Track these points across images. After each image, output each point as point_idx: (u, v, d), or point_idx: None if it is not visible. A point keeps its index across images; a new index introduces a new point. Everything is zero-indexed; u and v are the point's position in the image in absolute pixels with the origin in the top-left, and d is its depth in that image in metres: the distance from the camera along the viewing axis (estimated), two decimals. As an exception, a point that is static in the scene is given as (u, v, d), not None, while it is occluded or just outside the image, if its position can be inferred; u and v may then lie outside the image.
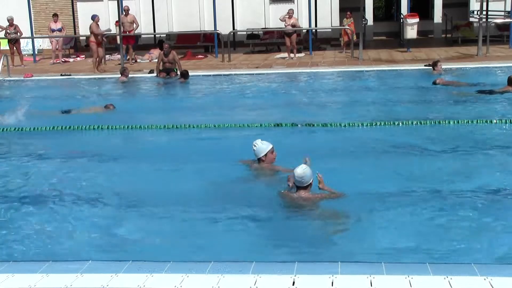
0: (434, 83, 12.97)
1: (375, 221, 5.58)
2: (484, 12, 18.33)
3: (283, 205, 5.98)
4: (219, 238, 5.37)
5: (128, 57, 19.72)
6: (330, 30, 23.68)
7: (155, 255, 4.81)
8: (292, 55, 19.24)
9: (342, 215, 5.74)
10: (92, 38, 17.75)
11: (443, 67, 14.74)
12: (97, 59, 17.78)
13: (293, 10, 19.41)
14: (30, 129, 9.91)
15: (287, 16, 19.00)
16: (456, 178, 6.75)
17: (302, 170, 5.81)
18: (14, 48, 19.95)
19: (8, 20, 19.76)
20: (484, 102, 11.12)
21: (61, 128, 9.84)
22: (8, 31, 19.77)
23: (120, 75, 15.62)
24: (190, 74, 15.57)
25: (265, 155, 6.76)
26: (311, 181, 5.87)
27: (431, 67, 15.05)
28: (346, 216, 5.72)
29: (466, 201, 6.01)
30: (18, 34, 19.94)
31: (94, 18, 18.06)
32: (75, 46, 24.38)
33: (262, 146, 6.76)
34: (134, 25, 19.61)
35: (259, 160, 6.82)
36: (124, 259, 4.54)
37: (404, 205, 5.95)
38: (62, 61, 20.76)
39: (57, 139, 9.51)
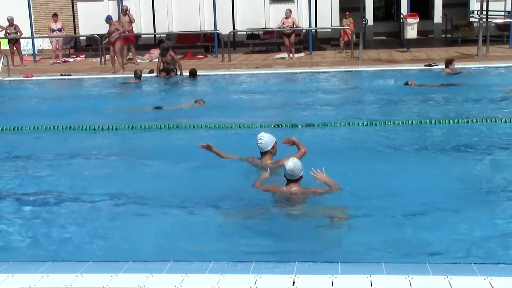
0: (406, 84, 12.80)
1: (375, 220, 5.57)
2: (484, 12, 18.34)
3: (274, 200, 5.99)
4: (219, 238, 5.36)
5: (131, 56, 19.70)
6: (330, 30, 23.68)
7: (155, 255, 4.81)
8: (291, 55, 19.24)
9: (342, 214, 5.74)
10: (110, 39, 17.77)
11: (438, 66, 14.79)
12: (115, 58, 17.80)
13: (290, 10, 19.40)
14: (30, 128, 9.91)
15: (284, 17, 19.01)
16: (456, 178, 6.75)
17: (292, 163, 5.81)
18: (14, 48, 19.95)
19: (8, 20, 19.77)
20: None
21: (61, 128, 9.85)
22: (8, 31, 19.78)
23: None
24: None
25: (273, 146, 6.78)
26: (301, 174, 5.88)
27: (431, 67, 15.05)
28: (346, 216, 5.73)
29: (466, 201, 6.01)
30: (18, 34, 19.95)
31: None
32: (75, 46, 24.38)
33: (270, 139, 6.77)
34: (119, 25, 19.12)
35: (266, 153, 6.79)
36: (124, 259, 4.55)
37: (404, 204, 5.95)
38: (62, 61, 20.76)
39: (56, 139, 9.51)
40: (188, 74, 15.53)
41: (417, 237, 5.19)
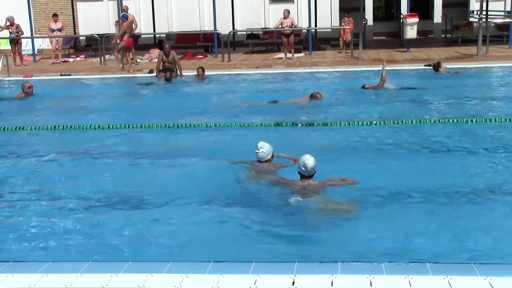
0: (363, 87, 12.65)
1: (374, 220, 5.58)
2: (484, 12, 18.34)
3: (287, 195, 6.04)
4: (219, 238, 5.36)
5: (131, 57, 19.68)
6: (329, 30, 23.68)
7: (155, 255, 4.81)
8: (289, 55, 19.25)
9: (343, 213, 5.76)
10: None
11: (446, 67, 14.83)
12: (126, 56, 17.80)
13: (288, 11, 19.40)
14: (31, 128, 9.92)
15: (283, 17, 19.02)
16: (457, 178, 6.75)
17: (313, 161, 5.97)
18: (16, 48, 19.92)
19: (9, 20, 19.73)
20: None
21: (63, 127, 9.85)
22: (10, 30, 19.75)
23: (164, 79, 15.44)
24: (190, 74, 15.72)
25: (272, 156, 6.83)
26: (316, 170, 6.05)
27: (431, 67, 15.06)
28: (346, 216, 5.73)
29: (466, 200, 6.02)
30: (20, 33, 19.92)
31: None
32: (75, 46, 24.39)
33: (268, 150, 6.81)
34: (133, 25, 19.39)
35: (265, 162, 6.84)
36: (124, 259, 4.55)
37: (405, 204, 5.96)
38: (62, 61, 20.75)
39: (58, 138, 9.51)
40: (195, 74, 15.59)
41: (417, 237, 5.19)
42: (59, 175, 7.42)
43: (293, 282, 4.00)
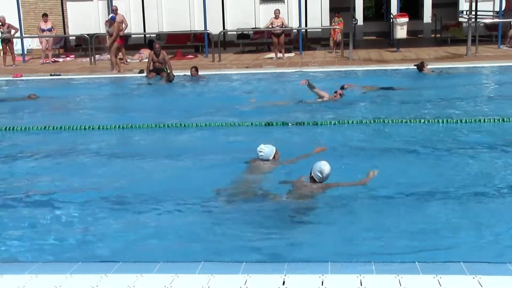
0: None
1: (365, 220, 5.59)
2: (473, 12, 18.44)
3: (284, 195, 6.07)
4: (210, 238, 5.36)
5: (121, 57, 19.63)
6: (320, 30, 23.71)
7: (145, 256, 4.80)
8: (280, 55, 19.26)
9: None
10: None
11: (429, 67, 14.89)
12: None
13: (279, 11, 19.41)
14: (23, 128, 9.88)
15: (274, 17, 19.02)
16: (447, 178, 6.78)
17: (329, 169, 6.03)
18: (7, 47, 19.79)
19: (0, 20, 19.61)
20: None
21: (54, 128, 9.82)
22: (1, 30, 19.63)
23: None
24: (180, 74, 15.74)
25: (273, 157, 6.89)
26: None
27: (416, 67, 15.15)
28: (337, 215, 5.75)
29: (455, 200, 6.04)
30: (13, 31, 19.78)
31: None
32: (65, 46, 24.29)
33: (268, 152, 6.86)
34: (123, 25, 19.34)
35: (268, 162, 6.90)
36: (114, 260, 4.53)
37: (395, 204, 5.98)
38: (51, 61, 20.66)
39: (54, 139, 9.47)
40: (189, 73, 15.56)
41: (407, 236, 5.21)
42: (50, 175, 7.39)
43: (284, 282, 4.00)
